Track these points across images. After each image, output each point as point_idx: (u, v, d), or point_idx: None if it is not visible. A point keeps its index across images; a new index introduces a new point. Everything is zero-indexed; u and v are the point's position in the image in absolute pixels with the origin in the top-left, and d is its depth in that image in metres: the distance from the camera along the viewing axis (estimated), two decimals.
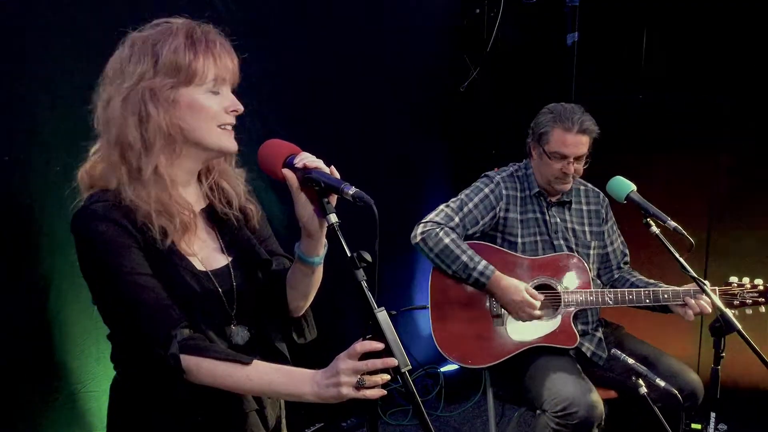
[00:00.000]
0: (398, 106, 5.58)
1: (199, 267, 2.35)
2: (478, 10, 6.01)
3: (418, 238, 4.02)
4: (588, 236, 4.21)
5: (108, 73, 2.29)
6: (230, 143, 2.34)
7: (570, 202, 4.23)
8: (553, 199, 4.19)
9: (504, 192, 4.14)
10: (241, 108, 2.33)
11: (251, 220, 2.54)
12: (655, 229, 3.37)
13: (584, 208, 4.26)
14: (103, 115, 2.27)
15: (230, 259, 2.45)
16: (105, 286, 2.21)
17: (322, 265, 2.46)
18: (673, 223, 3.36)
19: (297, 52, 4.69)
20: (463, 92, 6.03)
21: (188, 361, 2.18)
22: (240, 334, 2.42)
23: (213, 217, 2.48)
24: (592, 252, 4.19)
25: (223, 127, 2.31)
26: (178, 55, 2.23)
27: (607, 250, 4.28)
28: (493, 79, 6.04)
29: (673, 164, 5.25)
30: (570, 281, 4.03)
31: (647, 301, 3.92)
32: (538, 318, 3.93)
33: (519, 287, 3.92)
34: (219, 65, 2.28)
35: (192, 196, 2.42)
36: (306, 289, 2.52)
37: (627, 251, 4.36)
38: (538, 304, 3.90)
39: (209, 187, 2.47)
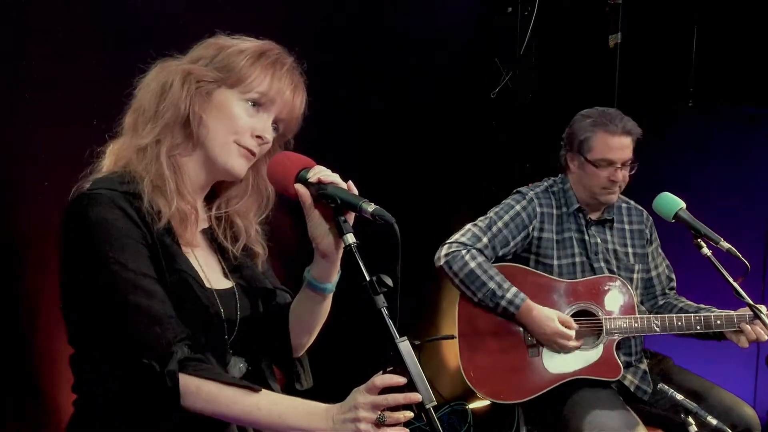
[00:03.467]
0: (421, 116, 5.57)
1: (205, 282, 2.33)
2: (510, 9, 6.01)
3: (442, 261, 4.02)
4: (631, 258, 4.19)
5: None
6: (239, 166, 2.35)
7: (611, 221, 4.21)
8: (594, 217, 4.18)
9: (538, 209, 4.13)
10: (269, 138, 2.35)
11: (255, 258, 2.54)
12: (706, 251, 3.37)
13: (626, 227, 4.25)
14: (141, 82, 2.35)
15: (234, 283, 2.44)
16: (97, 281, 2.16)
17: (332, 295, 2.45)
18: (726, 245, 3.36)
19: (311, 57, 4.72)
20: (494, 99, 6.04)
21: (188, 381, 2.14)
22: (238, 365, 2.41)
23: (215, 240, 2.48)
24: (635, 276, 4.17)
25: (240, 143, 2.32)
26: (238, 57, 2.30)
27: (651, 274, 4.26)
28: (527, 84, 6.04)
29: (726, 179, 5.24)
30: (612, 307, 4.02)
31: (698, 327, 3.90)
32: (575, 348, 3.92)
33: (551, 317, 3.91)
34: (273, 85, 2.32)
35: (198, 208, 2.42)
36: (312, 321, 2.51)
37: (673, 276, 4.34)
38: (572, 334, 3.90)
39: (217, 217, 2.48)
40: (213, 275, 2.39)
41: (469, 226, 4.12)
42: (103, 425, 2.25)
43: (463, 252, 3.99)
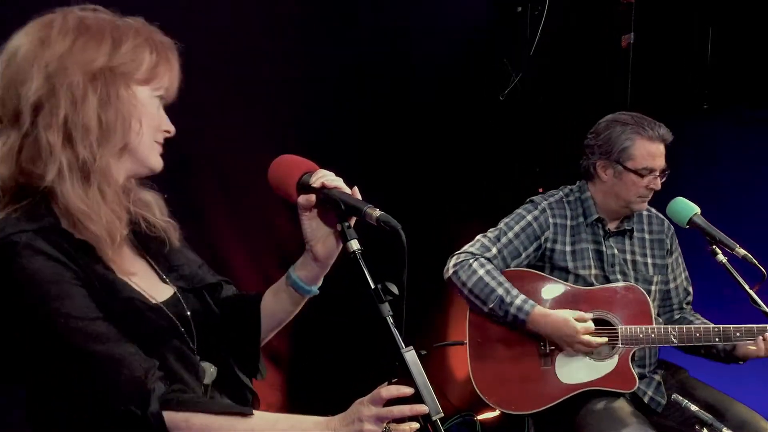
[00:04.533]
0: (427, 119, 5.57)
1: (149, 299, 2.23)
2: (519, 8, 6.00)
3: (450, 271, 4.02)
4: (650, 269, 4.17)
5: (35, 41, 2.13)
6: (158, 161, 2.26)
7: (631, 230, 4.18)
8: (612, 227, 4.15)
9: (551, 220, 4.11)
10: (172, 129, 2.28)
11: (170, 234, 2.37)
12: (721, 257, 3.37)
13: (647, 236, 4.22)
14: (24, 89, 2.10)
15: (175, 288, 2.35)
16: (45, 341, 2.04)
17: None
18: (742, 251, 3.37)
19: (314, 57, 4.73)
20: (503, 101, 6.03)
21: (174, 417, 2.06)
22: (209, 371, 2.34)
23: (140, 242, 2.36)
24: (653, 288, 4.15)
25: (156, 140, 2.25)
26: (144, 51, 2.18)
27: (670, 286, 4.24)
28: (537, 86, 6.03)
29: (742, 184, 5.23)
30: (629, 316, 4.01)
31: (716, 339, 3.89)
32: (601, 344, 3.90)
33: (565, 317, 3.89)
34: (172, 76, 2.25)
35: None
36: (285, 318, 2.49)
37: (690, 289, 4.32)
38: (592, 326, 3.88)
39: (133, 204, 2.30)
40: (153, 287, 2.29)
41: (479, 236, 4.11)
42: None
43: (472, 261, 3.98)
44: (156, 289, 2.29)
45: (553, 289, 4.06)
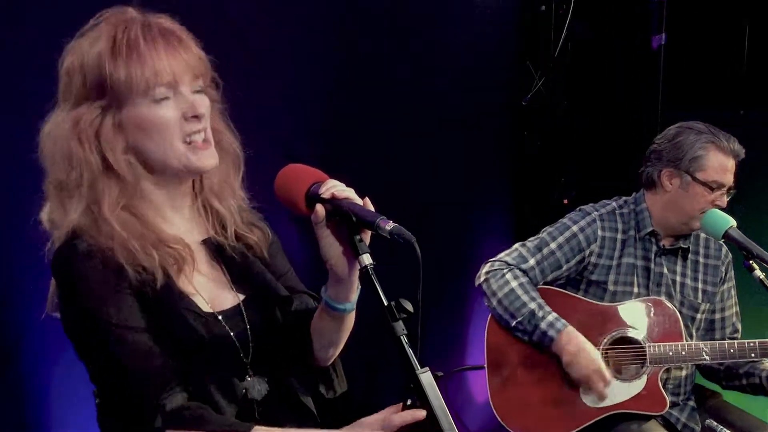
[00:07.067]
0: (446, 125, 5.57)
1: (204, 307, 2.33)
2: (543, 7, 6.00)
3: (482, 278, 4.01)
4: (699, 296, 4.12)
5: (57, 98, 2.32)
6: (199, 160, 2.31)
7: (686, 250, 4.13)
8: (667, 244, 4.11)
9: (599, 233, 4.07)
10: (201, 110, 2.30)
11: (255, 247, 2.50)
12: (759, 273, 3.36)
13: (701, 260, 4.17)
14: (41, 148, 2.32)
15: (241, 297, 2.44)
16: (90, 339, 2.23)
17: (354, 310, 2.44)
18: None
19: (323, 60, 4.74)
20: (526, 106, 6.03)
21: None
22: (257, 387, 2.40)
23: (216, 248, 2.46)
24: (699, 316, 4.11)
25: (189, 139, 2.29)
26: (101, 70, 2.22)
27: (716, 316, 4.19)
28: (562, 90, 6.03)
29: None
30: (657, 333, 3.99)
31: (752, 354, 3.86)
32: (603, 393, 3.88)
33: (593, 356, 3.86)
34: (150, 69, 2.23)
35: (186, 224, 2.42)
36: (334, 337, 2.50)
37: (739, 327, 4.25)
38: (610, 378, 3.86)
39: (202, 207, 2.46)
40: (218, 295, 2.41)
41: (516, 245, 4.09)
42: None
43: (505, 270, 3.97)
44: (220, 298, 2.41)
45: (574, 306, 4.04)
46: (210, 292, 2.39)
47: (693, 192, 3.94)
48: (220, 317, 2.36)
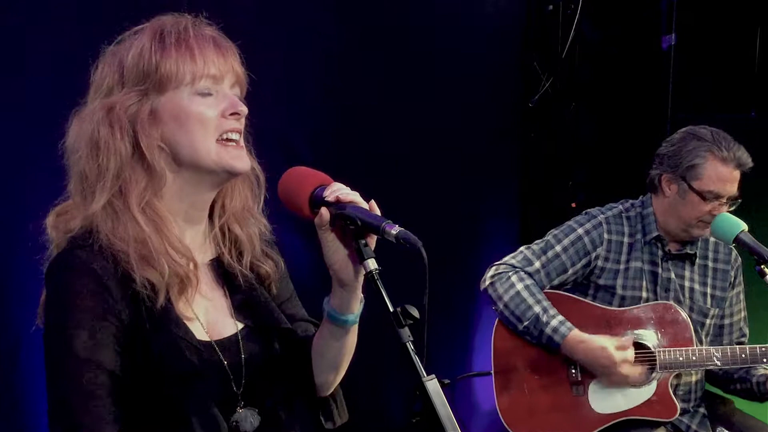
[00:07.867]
0: (451, 127, 5.56)
1: (201, 336, 2.27)
2: (551, 6, 5.99)
3: (487, 282, 4.01)
4: (708, 301, 4.12)
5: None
6: (235, 160, 2.26)
7: (693, 256, 4.12)
8: (673, 249, 4.11)
9: (606, 236, 4.07)
10: (243, 109, 2.28)
11: (267, 280, 2.47)
12: None
13: (710, 264, 4.17)
14: (67, 140, 2.27)
15: (240, 326, 2.38)
16: (50, 356, 2.15)
17: (357, 326, 2.40)
18: None
19: (328, 61, 4.74)
20: (533, 108, 6.02)
21: None
22: (249, 419, 2.34)
23: (222, 271, 2.41)
24: (708, 321, 4.11)
25: (224, 138, 2.25)
26: (143, 58, 2.20)
27: (725, 321, 4.19)
28: (569, 91, 6.02)
29: None
30: (667, 338, 4.00)
31: (764, 360, 3.87)
32: (641, 379, 3.88)
33: (604, 345, 3.87)
34: (199, 60, 2.22)
35: (198, 240, 2.37)
36: (336, 357, 2.45)
37: (747, 332, 4.25)
38: (632, 355, 3.86)
39: (221, 230, 2.41)
40: (218, 322, 2.35)
41: (522, 248, 4.11)
42: None
43: (511, 273, 3.97)
44: (219, 323, 2.35)
45: (584, 310, 4.05)
46: (209, 317, 2.33)
47: (689, 200, 3.94)
48: (215, 346, 2.29)
